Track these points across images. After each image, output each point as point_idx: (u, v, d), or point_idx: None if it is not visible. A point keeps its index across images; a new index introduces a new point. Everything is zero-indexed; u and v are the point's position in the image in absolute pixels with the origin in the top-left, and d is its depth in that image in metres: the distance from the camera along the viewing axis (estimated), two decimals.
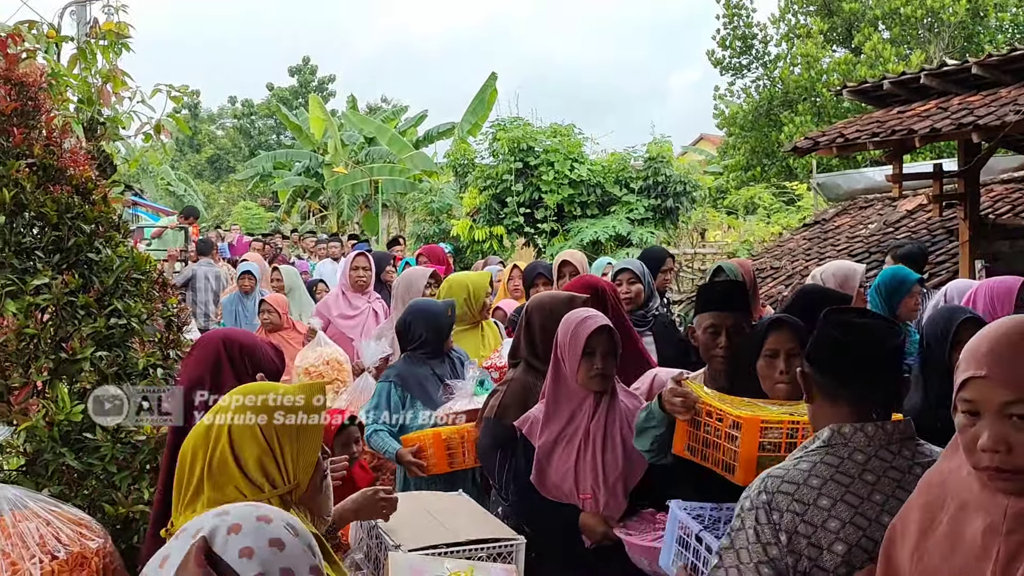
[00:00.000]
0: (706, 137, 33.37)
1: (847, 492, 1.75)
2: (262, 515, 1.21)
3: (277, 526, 1.20)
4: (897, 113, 7.84)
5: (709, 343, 2.86)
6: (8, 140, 2.93)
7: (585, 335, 2.91)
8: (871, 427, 1.79)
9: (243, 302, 7.74)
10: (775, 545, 1.74)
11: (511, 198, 14.46)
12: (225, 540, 1.17)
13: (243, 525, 1.19)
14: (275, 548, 1.17)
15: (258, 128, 47.27)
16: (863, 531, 1.72)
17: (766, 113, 20.12)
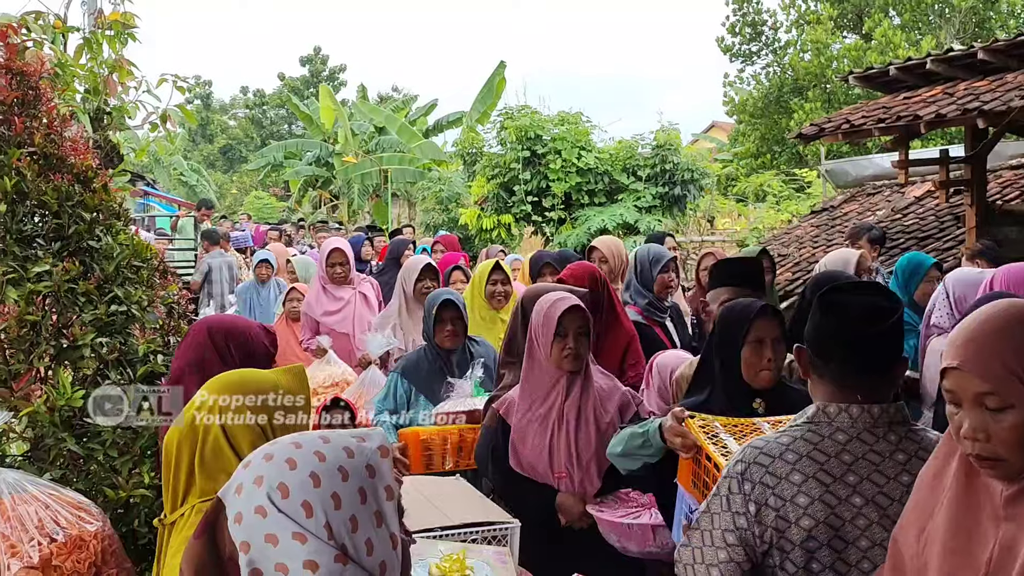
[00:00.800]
0: (718, 124, 33.24)
1: (820, 470, 1.76)
2: (259, 475, 1.17)
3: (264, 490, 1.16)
4: (903, 99, 7.79)
5: None
6: (9, 129, 2.97)
7: (556, 315, 2.93)
8: (856, 408, 1.79)
9: (258, 290, 7.74)
10: (743, 515, 1.78)
11: (519, 186, 14.46)
12: (232, 500, 1.17)
13: (244, 485, 1.18)
14: (259, 516, 1.15)
15: (270, 118, 47.39)
16: (831, 509, 1.74)
17: (776, 100, 20.02)
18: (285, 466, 1.17)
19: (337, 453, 1.20)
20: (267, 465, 1.18)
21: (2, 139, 2.95)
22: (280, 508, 1.15)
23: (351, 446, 1.22)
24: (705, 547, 1.82)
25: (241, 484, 1.18)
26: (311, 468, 1.17)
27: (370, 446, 1.24)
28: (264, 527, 1.14)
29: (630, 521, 2.70)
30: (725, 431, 2.30)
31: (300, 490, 1.16)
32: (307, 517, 1.15)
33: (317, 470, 1.17)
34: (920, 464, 1.73)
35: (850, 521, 1.74)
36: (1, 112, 2.98)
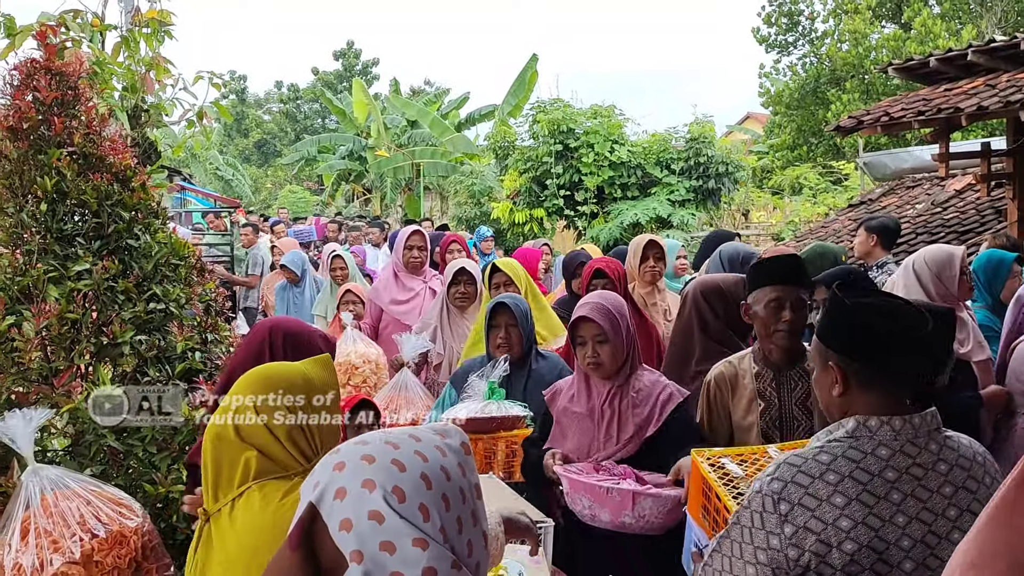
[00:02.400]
0: (752, 116, 32.89)
1: (864, 491, 1.70)
2: (367, 478, 1.10)
3: (379, 494, 1.09)
4: (944, 91, 7.65)
5: (770, 318, 2.76)
6: (49, 129, 3.01)
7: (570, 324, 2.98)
8: (899, 421, 1.74)
9: (293, 289, 7.40)
10: (777, 536, 1.72)
11: (551, 180, 14.44)
12: (331, 506, 1.09)
13: (348, 489, 1.10)
14: (374, 522, 1.07)
15: (304, 112, 47.72)
16: (875, 532, 1.69)
17: (813, 91, 19.75)
18: (394, 468, 1.11)
19: (434, 453, 1.16)
20: (373, 468, 1.11)
21: (42, 139, 2.99)
22: (400, 513, 1.08)
23: (441, 445, 1.18)
24: (734, 559, 1.78)
25: (344, 488, 1.10)
26: (420, 469, 1.12)
27: (455, 443, 1.20)
28: (380, 534, 1.06)
29: (609, 485, 2.61)
30: (733, 460, 2.29)
31: (416, 493, 1.10)
32: (424, 521, 1.09)
33: (426, 471, 1.13)
34: (961, 473, 1.70)
35: (895, 543, 1.69)
36: (41, 112, 3.02)
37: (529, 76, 20.94)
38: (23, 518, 2.28)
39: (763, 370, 2.86)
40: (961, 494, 1.71)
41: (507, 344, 3.59)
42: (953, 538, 1.66)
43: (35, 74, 3.10)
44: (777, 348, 2.79)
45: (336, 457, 1.15)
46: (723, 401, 2.91)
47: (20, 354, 2.73)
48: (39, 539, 2.24)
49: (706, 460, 2.30)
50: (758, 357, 2.88)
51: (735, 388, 2.89)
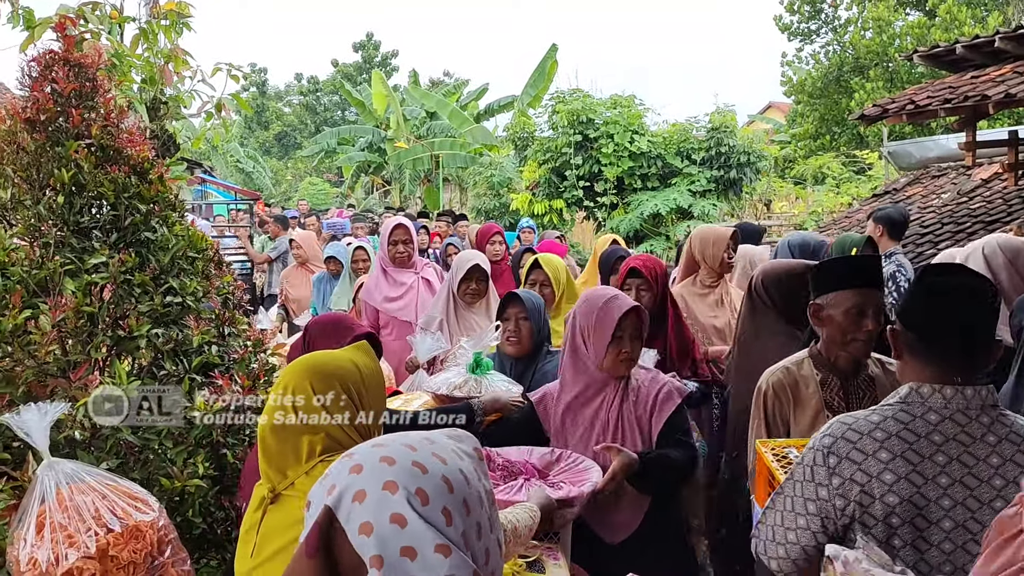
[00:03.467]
0: (775, 105, 32.63)
1: (909, 449, 1.79)
2: (388, 480, 1.05)
3: (402, 496, 1.04)
4: (970, 78, 7.52)
5: (850, 326, 2.54)
6: (67, 121, 2.99)
7: (615, 317, 2.78)
8: (950, 390, 1.80)
9: (331, 282, 7.28)
10: (826, 487, 1.83)
11: (570, 171, 14.37)
12: (350, 509, 1.05)
13: (368, 492, 1.04)
14: (396, 525, 1.02)
15: (323, 104, 47.82)
16: (917, 488, 1.77)
17: (836, 79, 19.54)
18: (416, 470, 1.06)
19: (451, 456, 1.11)
20: (393, 470, 1.06)
21: (60, 131, 2.97)
22: (424, 516, 1.03)
23: (456, 449, 1.14)
24: (786, 512, 1.89)
25: (363, 491, 1.04)
26: (441, 471, 1.08)
27: (468, 448, 1.16)
28: (402, 538, 1.01)
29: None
30: (797, 451, 2.27)
31: (438, 496, 1.05)
32: (447, 525, 1.04)
33: (446, 474, 1.08)
34: (1011, 447, 1.75)
35: (935, 501, 1.76)
36: (59, 104, 3.00)
37: (549, 66, 20.84)
38: (38, 512, 2.27)
39: (828, 378, 2.66)
40: (1009, 466, 1.75)
41: (517, 337, 3.50)
42: (996, 506, 1.72)
43: (53, 65, 3.08)
44: (850, 357, 2.62)
45: (351, 460, 1.09)
46: (782, 412, 2.70)
47: (37, 347, 2.71)
48: (54, 533, 2.23)
49: (771, 451, 2.32)
50: (820, 363, 2.67)
51: (796, 398, 2.68)
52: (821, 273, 2.66)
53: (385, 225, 5.41)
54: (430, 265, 5.38)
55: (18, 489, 2.57)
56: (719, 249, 4.51)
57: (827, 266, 2.70)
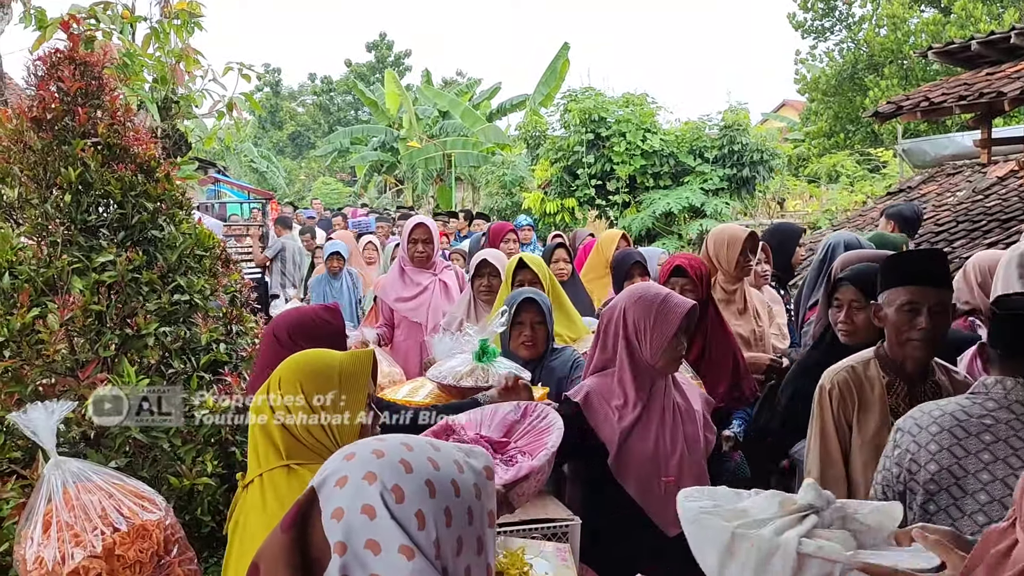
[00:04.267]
0: (788, 104, 32.46)
1: (957, 425, 2.00)
2: (370, 471, 1.04)
3: (376, 488, 1.03)
4: (986, 75, 7.46)
5: (904, 324, 2.46)
6: (73, 120, 2.99)
7: (680, 314, 2.72)
8: (1011, 381, 2.00)
9: (331, 283, 7.37)
10: (889, 457, 2.14)
11: (582, 170, 14.34)
12: (330, 492, 1.04)
13: (349, 478, 1.04)
14: (366, 516, 1.01)
15: (337, 104, 47.93)
16: (957, 460, 1.97)
17: (850, 77, 19.43)
18: (400, 468, 1.05)
19: (449, 464, 1.09)
20: (379, 462, 1.05)
21: (66, 130, 2.97)
22: (393, 513, 1.01)
23: (460, 460, 1.11)
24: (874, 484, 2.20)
25: (346, 477, 1.04)
26: (427, 475, 1.06)
27: (477, 465, 1.13)
28: (369, 531, 1.00)
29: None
30: None
31: (416, 497, 1.03)
32: (419, 529, 1.02)
33: (433, 479, 1.06)
34: None
35: (973, 474, 1.94)
36: (65, 103, 3.00)
37: (560, 65, 20.80)
38: (45, 511, 2.27)
39: (895, 382, 2.55)
40: None
41: (532, 343, 3.46)
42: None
43: (59, 64, 3.08)
44: (911, 359, 2.51)
45: (350, 448, 1.10)
46: (847, 414, 2.58)
47: (45, 346, 2.71)
48: (60, 532, 2.22)
49: None
50: (887, 365, 2.58)
51: (862, 400, 2.56)
52: (882, 270, 2.59)
53: (407, 224, 5.28)
54: (451, 268, 5.22)
55: (28, 488, 2.57)
56: (734, 251, 4.27)
57: (887, 262, 2.62)
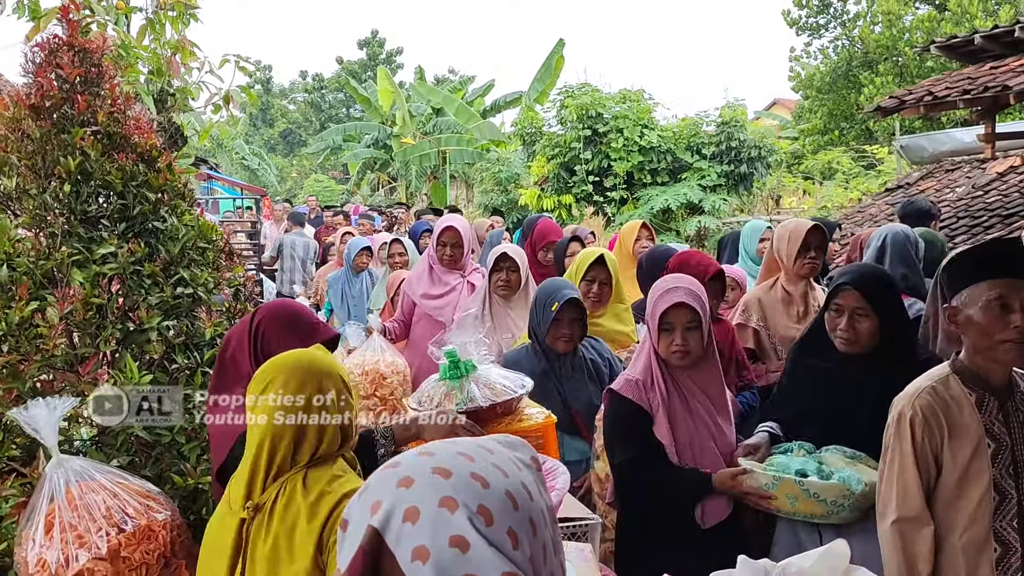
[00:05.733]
0: (780, 102, 32.45)
1: None
2: (446, 496, 0.89)
3: (462, 515, 0.88)
4: (990, 68, 7.40)
5: (994, 324, 2.13)
6: (72, 108, 2.90)
7: (661, 310, 2.71)
8: None
9: (350, 280, 6.94)
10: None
11: (579, 166, 14.26)
12: (400, 530, 0.88)
13: (421, 509, 0.88)
14: (456, 549, 0.86)
15: (328, 102, 47.76)
16: None
17: (845, 74, 19.42)
18: (476, 484, 0.90)
19: (512, 467, 0.96)
20: (450, 483, 0.90)
21: (65, 118, 2.88)
22: (488, 538, 0.87)
23: (513, 458, 0.98)
24: None
25: (415, 508, 0.88)
26: (503, 486, 0.92)
27: (526, 457, 1.01)
28: (464, 565, 0.85)
29: None
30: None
31: (503, 514, 0.90)
32: (514, 549, 0.89)
33: (510, 489, 0.92)
34: None
35: None
36: (64, 90, 2.91)
37: (556, 61, 20.72)
38: (47, 511, 2.18)
39: (984, 398, 2.23)
40: None
41: (571, 339, 3.43)
42: None
43: (58, 51, 2.99)
44: (1002, 365, 2.21)
45: (396, 471, 0.93)
46: (933, 445, 2.23)
47: (44, 340, 2.62)
48: (64, 533, 2.14)
49: None
50: (969, 379, 2.24)
51: (951, 426, 2.22)
52: (951, 269, 2.28)
53: (437, 225, 5.13)
54: (479, 270, 4.99)
55: (27, 486, 2.48)
56: (793, 246, 3.93)
57: (956, 259, 2.29)
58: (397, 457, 0.98)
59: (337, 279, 6.97)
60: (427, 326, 4.71)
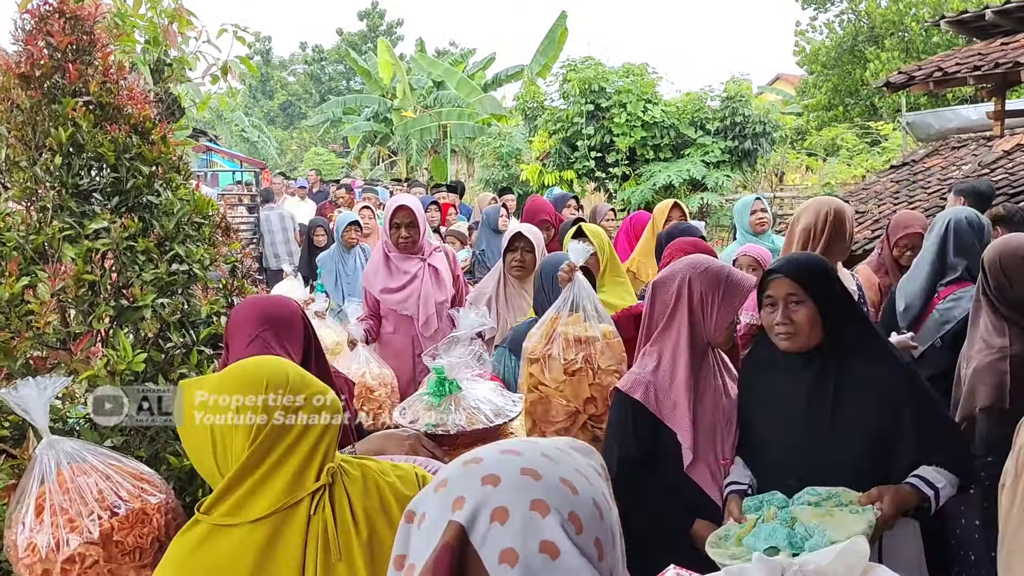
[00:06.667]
0: (783, 77, 32.20)
1: None
2: (537, 498, 0.85)
3: (554, 520, 0.84)
4: (1000, 45, 7.28)
5: None
6: (63, 77, 2.80)
7: (749, 290, 2.63)
8: None
9: (343, 257, 6.68)
10: None
11: (582, 141, 14.12)
12: (487, 530, 0.84)
13: (511, 511, 0.84)
14: (546, 555, 0.83)
15: (328, 74, 47.42)
16: None
17: (850, 49, 19.18)
18: (567, 490, 0.86)
19: (592, 474, 0.92)
20: (542, 486, 0.86)
21: (56, 88, 2.79)
22: (580, 547, 0.83)
23: (593, 467, 0.94)
24: None
25: (505, 508, 0.84)
26: (590, 493, 0.88)
27: (597, 465, 0.96)
28: (552, 572, 0.82)
29: None
30: None
31: (591, 523, 0.86)
32: (599, 560, 0.86)
33: (595, 497, 0.89)
34: None
35: None
36: (55, 59, 2.82)
37: (559, 34, 20.50)
38: (38, 494, 2.12)
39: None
40: None
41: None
42: None
43: (48, 18, 2.89)
44: None
45: (481, 468, 0.89)
46: None
47: (35, 318, 2.55)
48: (54, 517, 2.08)
49: None
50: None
51: None
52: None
53: (387, 207, 4.76)
54: (441, 249, 4.75)
55: (17, 468, 2.42)
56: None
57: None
58: (477, 451, 0.94)
59: (330, 257, 6.71)
60: (397, 322, 4.51)
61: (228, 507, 1.58)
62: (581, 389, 2.94)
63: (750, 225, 5.15)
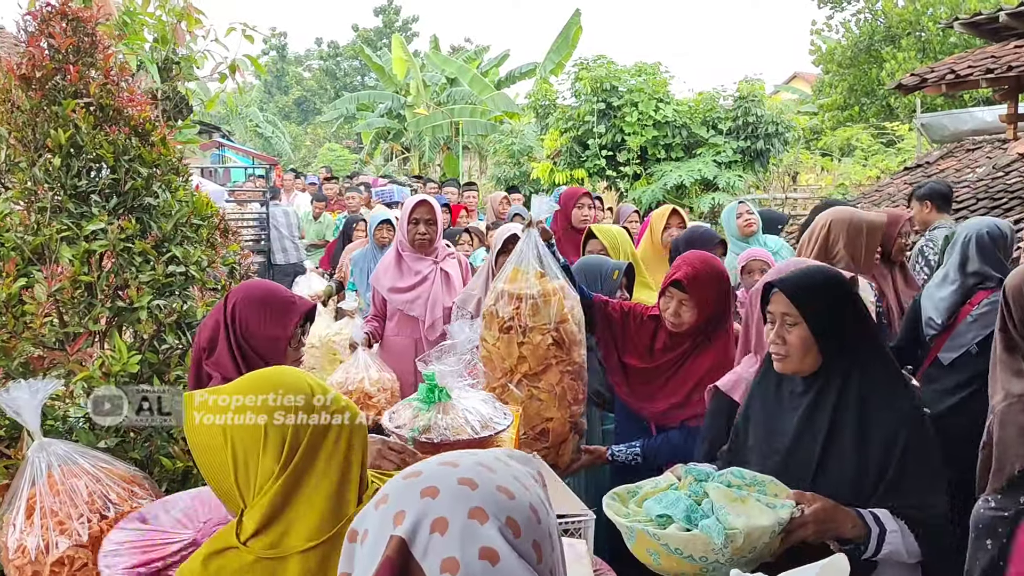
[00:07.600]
0: (800, 76, 32.00)
1: None
2: (475, 507, 0.87)
3: (492, 527, 0.87)
4: (1014, 47, 7.20)
5: None
6: (64, 78, 2.82)
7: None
8: None
9: (376, 257, 6.19)
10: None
11: (593, 140, 14.07)
12: (427, 542, 0.86)
13: (450, 520, 0.86)
14: (487, 561, 0.84)
15: (343, 70, 47.50)
16: None
17: (866, 49, 19.03)
18: (502, 496, 0.89)
19: (529, 481, 0.94)
20: (478, 494, 0.88)
21: (57, 89, 2.81)
22: (519, 551, 0.86)
23: (529, 473, 0.96)
24: None
25: (444, 519, 0.86)
26: (527, 499, 0.91)
27: (534, 472, 0.99)
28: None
29: None
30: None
31: (528, 527, 0.89)
32: (538, 562, 0.88)
33: (533, 502, 0.91)
34: None
35: None
36: (56, 60, 2.83)
37: (573, 33, 20.44)
38: (28, 496, 2.13)
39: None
40: None
41: None
42: None
43: (50, 19, 2.91)
44: None
45: (421, 480, 0.90)
46: None
47: (32, 318, 2.57)
48: (44, 519, 2.09)
49: None
50: None
51: None
52: None
53: (408, 201, 4.62)
54: (455, 255, 4.62)
55: (11, 468, 2.44)
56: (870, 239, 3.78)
57: None
58: (417, 465, 0.95)
59: (363, 256, 6.43)
60: (401, 323, 4.43)
61: (274, 537, 1.42)
62: (512, 347, 2.88)
63: (738, 229, 5.09)
